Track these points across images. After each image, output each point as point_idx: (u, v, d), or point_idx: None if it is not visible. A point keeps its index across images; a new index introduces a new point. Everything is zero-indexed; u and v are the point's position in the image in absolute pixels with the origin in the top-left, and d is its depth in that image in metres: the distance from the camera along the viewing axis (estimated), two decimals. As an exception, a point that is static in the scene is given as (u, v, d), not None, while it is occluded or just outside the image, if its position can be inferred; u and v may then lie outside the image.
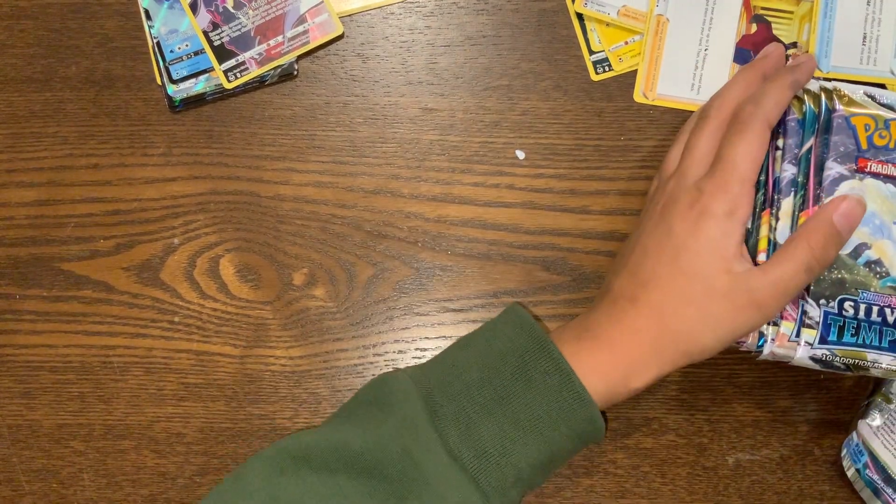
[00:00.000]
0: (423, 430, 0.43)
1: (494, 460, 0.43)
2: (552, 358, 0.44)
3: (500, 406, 0.43)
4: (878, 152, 0.46)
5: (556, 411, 0.43)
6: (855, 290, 0.45)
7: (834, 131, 0.46)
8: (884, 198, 0.45)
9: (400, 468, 0.42)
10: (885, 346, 0.45)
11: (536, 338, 0.45)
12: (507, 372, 0.44)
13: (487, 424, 0.43)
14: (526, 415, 0.43)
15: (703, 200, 0.44)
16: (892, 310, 0.45)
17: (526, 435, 0.43)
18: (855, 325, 0.45)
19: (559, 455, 0.45)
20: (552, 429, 0.43)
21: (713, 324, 0.43)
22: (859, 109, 0.47)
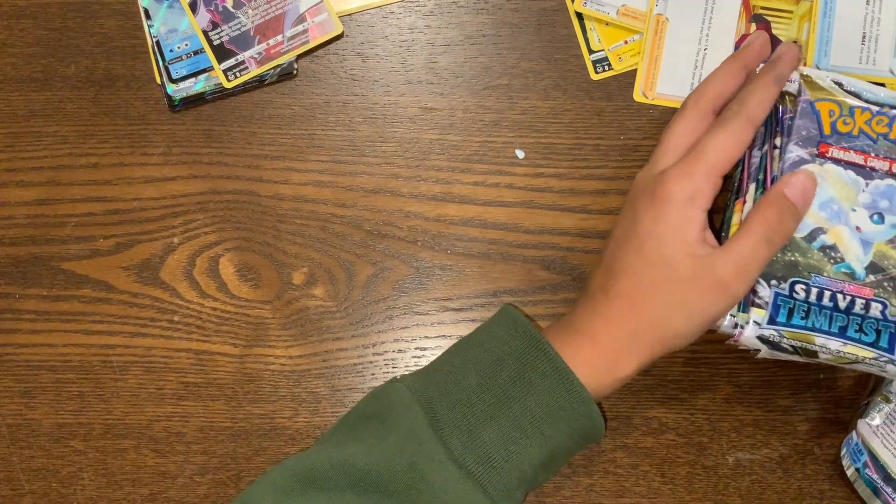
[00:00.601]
0: (426, 441, 0.43)
1: (499, 465, 0.43)
2: (549, 358, 0.44)
3: (501, 410, 0.43)
4: (840, 138, 0.46)
5: (557, 411, 0.43)
6: (808, 274, 0.45)
7: (798, 115, 0.46)
8: (843, 184, 0.45)
9: (407, 482, 0.42)
10: (834, 332, 0.45)
11: (532, 339, 0.45)
12: (506, 376, 0.44)
13: (489, 430, 0.43)
14: (527, 417, 0.43)
15: (667, 186, 0.44)
16: (844, 296, 0.45)
17: (528, 437, 0.43)
18: (805, 308, 0.45)
19: (561, 454, 0.45)
20: (553, 428, 0.43)
21: (682, 308, 0.43)
22: (825, 95, 0.47)
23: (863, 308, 0.45)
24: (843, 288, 0.45)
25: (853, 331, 0.45)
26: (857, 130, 0.45)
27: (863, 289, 0.45)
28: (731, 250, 0.44)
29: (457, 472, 0.42)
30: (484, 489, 0.42)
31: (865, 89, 0.47)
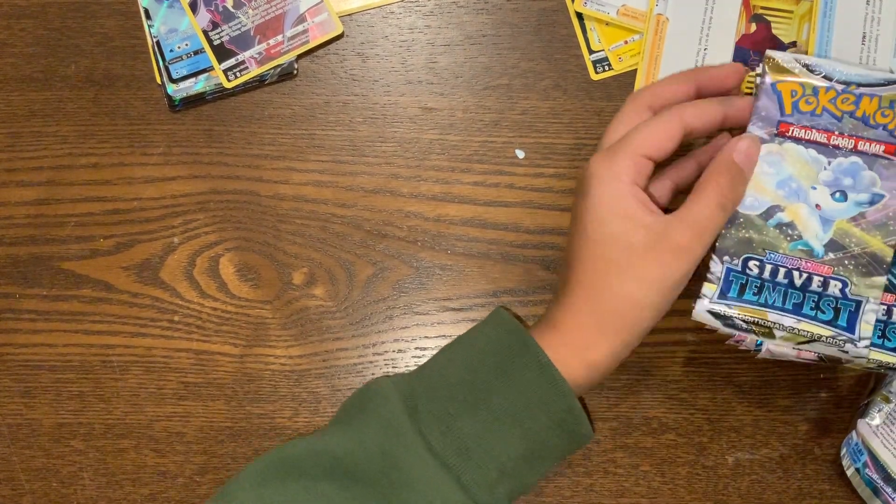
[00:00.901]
0: (403, 430, 0.43)
1: (477, 456, 0.43)
2: (531, 352, 0.44)
3: (481, 403, 0.44)
4: (802, 117, 0.46)
5: (535, 403, 0.43)
6: (762, 251, 0.45)
7: (759, 97, 0.46)
8: (804, 162, 0.45)
9: (382, 470, 0.42)
10: (788, 308, 0.45)
11: (516, 334, 0.45)
12: (487, 368, 0.44)
13: (468, 421, 0.43)
14: (505, 409, 0.43)
15: (591, 169, 0.45)
16: (801, 273, 0.45)
17: (506, 428, 0.43)
18: (758, 284, 0.45)
19: (544, 448, 0.45)
20: (533, 421, 0.43)
21: (642, 279, 0.43)
22: (787, 76, 0.47)
23: (820, 286, 0.45)
24: (800, 265, 0.45)
25: (809, 308, 0.45)
26: (820, 109, 0.46)
27: (821, 266, 0.45)
28: (686, 216, 0.44)
29: (432, 462, 0.42)
30: (459, 480, 0.42)
31: (837, 69, 0.46)
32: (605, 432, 0.55)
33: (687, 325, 0.56)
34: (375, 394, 0.45)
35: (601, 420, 0.55)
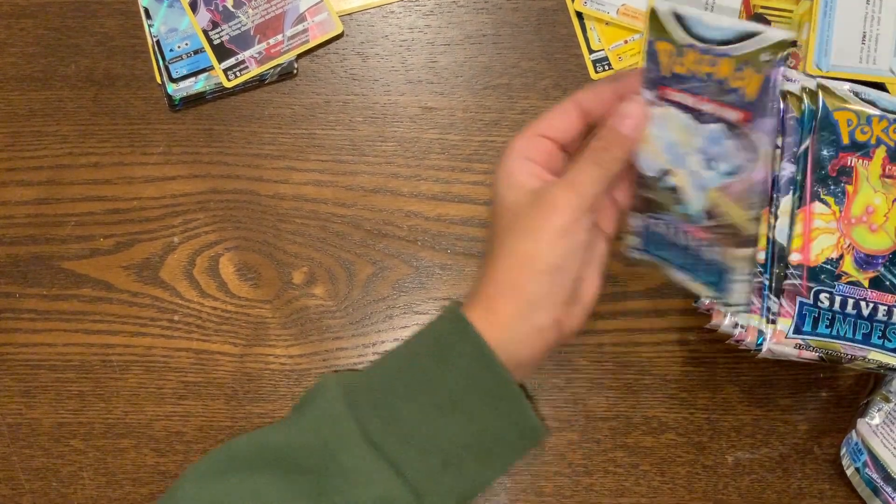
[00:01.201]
0: (341, 421, 0.43)
1: (418, 443, 0.43)
2: (468, 336, 0.44)
3: (421, 389, 0.44)
4: (675, 80, 0.44)
5: (475, 388, 0.44)
6: (658, 211, 0.46)
7: (645, 58, 0.45)
8: (682, 127, 0.44)
9: (318, 461, 0.43)
10: (678, 264, 0.46)
11: (455, 319, 0.45)
12: (427, 355, 0.45)
13: (409, 409, 0.43)
14: (445, 395, 0.44)
15: (501, 154, 0.46)
16: (686, 234, 0.45)
17: (447, 415, 0.43)
18: (657, 240, 0.47)
19: (490, 436, 0.45)
20: (474, 406, 0.44)
21: (527, 233, 0.44)
22: (664, 35, 0.44)
23: (701, 248, 0.45)
24: (685, 228, 0.45)
25: (696, 268, 0.46)
26: (687, 71, 0.43)
27: (700, 231, 0.45)
28: (566, 176, 0.45)
29: (368, 451, 0.43)
30: (398, 469, 0.43)
31: (703, 22, 0.42)
32: (605, 432, 0.55)
33: (687, 325, 0.56)
34: (318, 388, 0.45)
35: (601, 420, 0.55)
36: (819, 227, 0.50)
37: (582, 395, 0.56)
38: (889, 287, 0.50)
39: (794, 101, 0.52)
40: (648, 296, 0.56)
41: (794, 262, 0.49)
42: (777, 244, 0.50)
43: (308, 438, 0.43)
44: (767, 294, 0.50)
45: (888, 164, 0.51)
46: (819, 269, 0.49)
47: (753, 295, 0.51)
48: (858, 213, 0.50)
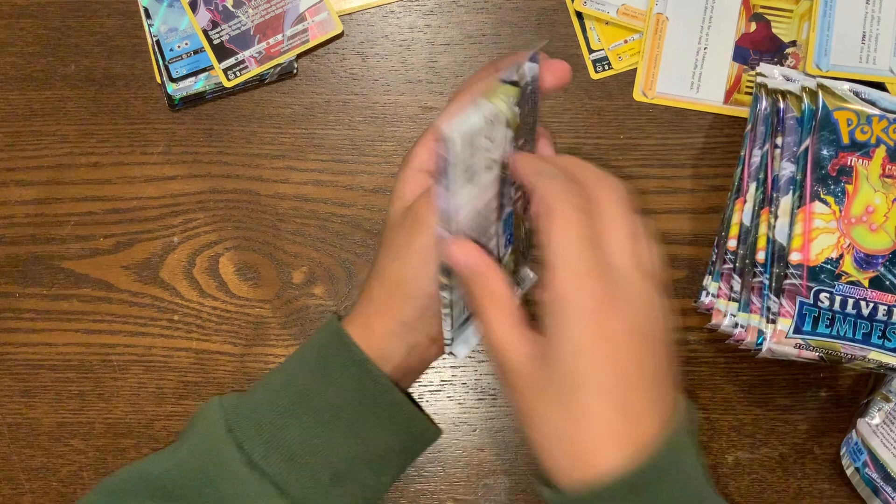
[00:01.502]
0: (220, 444, 0.43)
1: (303, 461, 0.42)
2: (348, 349, 0.43)
3: (302, 406, 0.43)
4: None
5: (358, 400, 0.43)
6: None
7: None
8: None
9: (196, 489, 0.42)
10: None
11: (335, 332, 0.44)
12: (307, 371, 0.44)
13: (292, 427, 0.43)
14: (328, 410, 0.43)
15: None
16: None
17: (330, 430, 0.43)
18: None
19: (380, 444, 0.44)
20: (356, 418, 0.43)
21: (397, 251, 0.43)
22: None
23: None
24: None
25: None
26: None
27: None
28: (430, 191, 0.44)
29: (249, 475, 0.42)
30: (282, 488, 0.42)
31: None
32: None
33: (687, 325, 0.56)
34: (199, 413, 0.45)
35: (601, 419, 0.55)
36: (819, 226, 0.50)
37: (582, 395, 0.56)
38: (889, 287, 0.50)
39: (794, 101, 0.52)
40: (648, 295, 0.56)
41: (794, 262, 0.49)
42: (777, 244, 0.50)
43: (187, 467, 0.43)
44: (767, 294, 0.50)
45: (888, 163, 0.51)
46: (819, 268, 0.49)
47: (753, 294, 0.51)
48: (858, 212, 0.50)
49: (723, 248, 0.52)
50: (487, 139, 0.39)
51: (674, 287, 0.56)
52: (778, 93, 0.52)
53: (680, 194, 0.57)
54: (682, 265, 0.56)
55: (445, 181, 0.38)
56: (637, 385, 0.37)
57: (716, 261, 0.53)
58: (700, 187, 0.57)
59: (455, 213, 0.40)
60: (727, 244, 0.52)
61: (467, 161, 0.38)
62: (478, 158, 0.39)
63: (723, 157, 0.57)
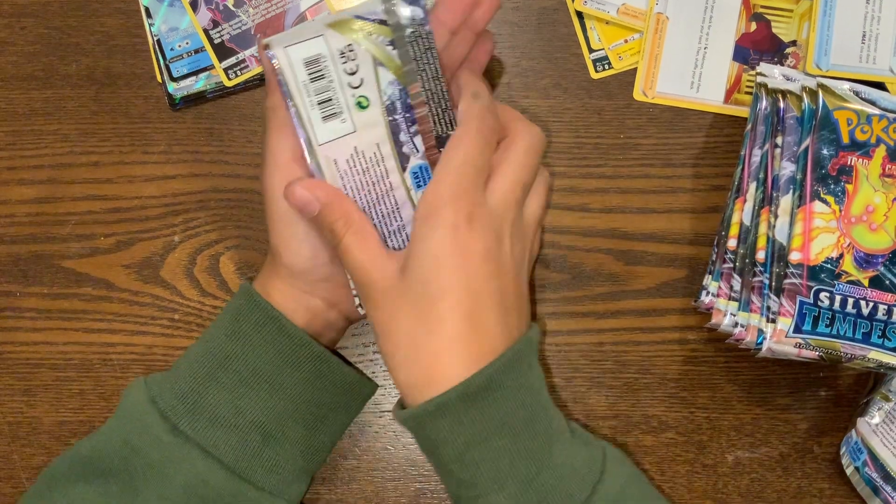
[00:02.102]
0: (144, 415, 0.43)
1: (230, 423, 0.43)
2: (260, 308, 0.44)
3: (223, 369, 0.44)
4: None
5: (277, 357, 0.44)
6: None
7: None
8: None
9: (125, 461, 0.43)
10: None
11: (246, 293, 0.45)
12: (223, 335, 0.45)
13: (215, 391, 0.44)
14: (248, 370, 0.44)
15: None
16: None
17: (253, 390, 0.43)
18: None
19: (308, 400, 0.45)
20: (278, 374, 0.44)
21: (268, 222, 0.45)
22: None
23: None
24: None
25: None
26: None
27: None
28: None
29: (174, 441, 0.43)
30: (209, 452, 0.43)
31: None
32: (604, 431, 0.55)
33: (687, 324, 0.56)
34: (125, 391, 0.46)
35: (601, 419, 0.55)
36: (819, 226, 0.50)
37: (582, 394, 0.56)
38: (889, 286, 0.50)
39: (794, 101, 0.52)
40: (648, 295, 0.56)
41: (793, 261, 0.49)
42: (777, 243, 0.50)
43: (113, 441, 0.43)
44: (767, 293, 0.50)
45: (888, 163, 0.51)
46: (819, 268, 0.49)
47: (753, 294, 0.51)
48: (858, 212, 0.50)
49: (723, 248, 0.52)
50: (348, 74, 0.40)
51: (674, 286, 0.56)
52: (778, 92, 0.52)
53: (680, 194, 0.57)
54: (682, 265, 0.56)
55: (293, 104, 0.40)
56: (487, 304, 0.40)
57: (716, 260, 0.53)
58: (700, 187, 0.57)
59: (315, 145, 0.40)
60: (727, 243, 0.52)
61: (321, 91, 0.39)
62: (340, 92, 0.40)
63: (723, 156, 0.57)
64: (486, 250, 0.40)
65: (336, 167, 0.42)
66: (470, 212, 0.40)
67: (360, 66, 0.40)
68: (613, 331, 0.56)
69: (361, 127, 0.42)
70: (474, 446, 0.39)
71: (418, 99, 0.42)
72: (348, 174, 0.42)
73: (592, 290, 0.56)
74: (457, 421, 0.39)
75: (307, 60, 0.39)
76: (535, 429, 0.40)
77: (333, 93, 0.40)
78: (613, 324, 0.56)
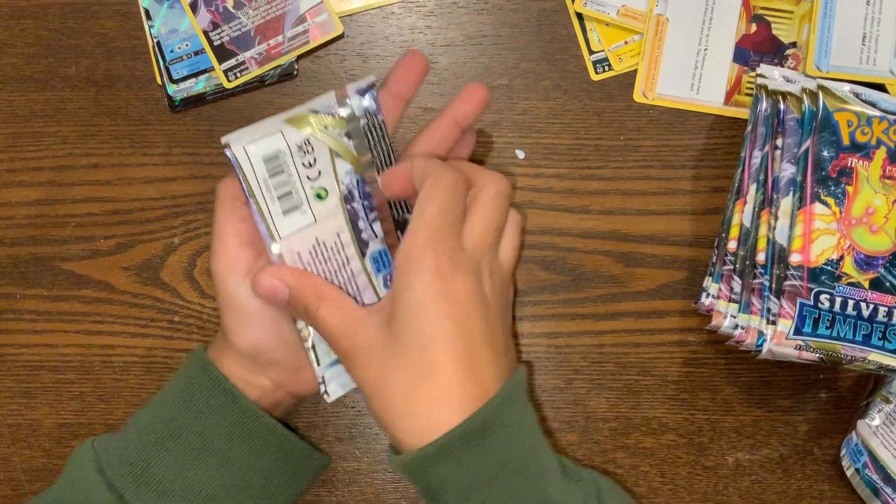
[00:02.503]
0: (90, 486, 0.43)
1: (179, 494, 0.42)
2: (213, 379, 0.44)
3: (172, 439, 0.43)
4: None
5: (229, 429, 0.43)
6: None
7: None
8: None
9: None
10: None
11: (199, 362, 0.45)
12: (175, 403, 0.44)
13: (162, 461, 0.43)
14: (198, 441, 0.43)
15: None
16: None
17: (203, 459, 0.43)
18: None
19: (258, 471, 0.44)
20: (229, 446, 0.43)
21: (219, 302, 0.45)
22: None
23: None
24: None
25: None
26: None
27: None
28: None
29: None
30: None
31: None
32: (605, 433, 0.55)
33: (687, 326, 0.56)
34: (71, 456, 0.45)
35: (601, 420, 0.55)
36: (819, 228, 0.50)
37: (582, 396, 0.56)
38: (889, 288, 0.50)
39: (795, 102, 0.52)
40: (648, 297, 0.56)
41: (794, 263, 0.49)
42: (777, 245, 0.50)
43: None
44: (768, 295, 0.50)
45: (888, 165, 0.51)
46: (819, 270, 0.49)
47: (753, 296, 0.51)
48: (859, 214, 0.50)
49: (723, 250, 0.52)
50: (306, 166, 0.41)
51: (674, 288, 0.56)
52: (778, 94, 0.52)
53: (680, 195, 0.57)
54: (683, 266, 0.56)
55: (254, 202, 0.41)
56: (479, 345, 0.40)
57: (716, 262, 0.53)
58: (700, 188, 0.57)
59: (278, 239, 0.41)
60: (727, 245, 0.52)
61: (281, 186, 0.40)
62: (299, 186, 0.41)
63: (723, 158, 0.57)
64: (470, 292, 0.40)
65: (300, 259, 0.42)
66: (451, 256, 0.40)
67: (317, 158, 0.41)
68: (613, 333, 0.56)
69: (321, 217, 0.42)
70: (478, 489, 0.39)
71: (375, 186, 0.43)
72: (311, 265, 0.43)
73: (592, 291, 0.56)
74: (458, 463, 0.39)
75: (266, 157, 0.40)
76: (535, 467, 0.40)
77: (293, 186, 0.41)
78: (613, 326, 0.56)
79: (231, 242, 0.43)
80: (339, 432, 0.56)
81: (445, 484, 0.39)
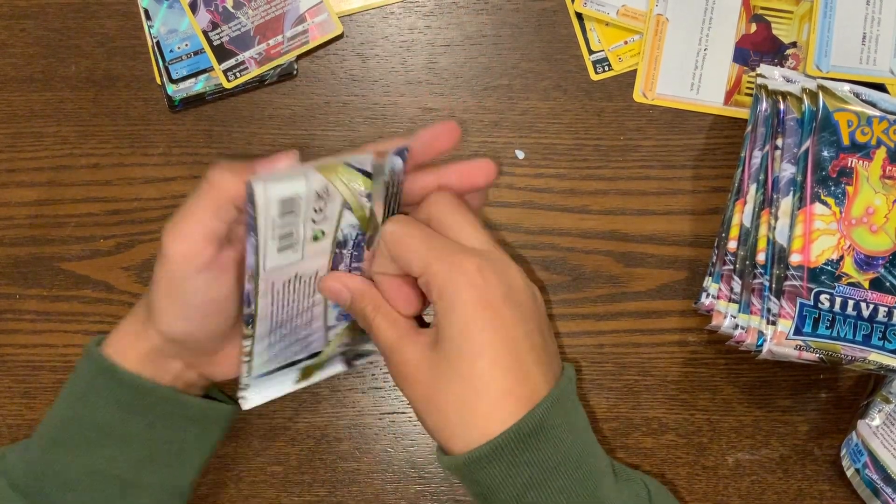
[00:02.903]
0: (8, 501, 0.43)
1: (82, 485, 0.43)
2: (95, 363, 0.44)
3: (67, 433, 0.44)
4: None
5: (119, 410, 0.43)
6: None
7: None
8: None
9: None
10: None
11: (85, 351, 0.45)
12: (66, 398, 0.45)
13: (61, 456, 0.44)
14: (93, 430, 0.44)
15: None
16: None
17: (101, 448, 0.44)
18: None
19: (170, 444, 0.45)
20: (125, 425, 0.44)
21: (153, 282, 0.44)
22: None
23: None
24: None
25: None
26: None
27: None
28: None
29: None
30: None
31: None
32: (605, 433, 0.55)
33: (687, 326, 0.56)
34: None
35: (601, 420, 0.55)
36: (819, 228, 0.50)
37: (582, 396, 0.56)
38: (889, 288, 0.50)
39: (795, 102, 0.52)
40: (648, 297, 0.56)
41: (794, 263, 0.49)
42: (777, 245, 0.50)
43: None
44: (768, 295, 0.50)
45: (888, 165, 0.51)
46: (819, 270, 0.49)
47: (753, 296, 0.51)
48: (859, 214, 0.50)
49: (723, 250, 0.52)
50: (316, 211, 0.41)
51: (674, 288, 0.56)
52: (778, 94, 0.52)
53: (680, 195, 0.57)
54: (683, 266, 0.56)
55: (255, 238, 0.40)
56: (524, 349, 0.40)
57: (716, 262, 0.53)
58: (700, 188, 0.57)
59: (261, 271, 0.41)
60: (727, 245, 0.52)
61: (285, 226, 0.40)
62: (301, 227, 0.41)
63: (723, 158, 0.57)
64: (506, 296, 0.40)
65: (272, 289, 0.42)
66: (476, 265, 0.40)
67: (328, 204, 0.41)
68: (613, 333, 0.56)
69: (309, 256, 0.42)
70: (532, 489, 0.39)
71: (372, 245, 0.43)
72: (280, 293, 0.43)
73: (592, 291, 0.56)
74: (512, 463, 0.39)
75: (283, 199, 0.40)
76: (587, 468, 0.41)
77: (295, 227, 0.41)
78: (613, 326, 0.56)
79: (199, 234, 0.42)
80: (339, 432, 0.56)
81: (498, 484, 0.40)
